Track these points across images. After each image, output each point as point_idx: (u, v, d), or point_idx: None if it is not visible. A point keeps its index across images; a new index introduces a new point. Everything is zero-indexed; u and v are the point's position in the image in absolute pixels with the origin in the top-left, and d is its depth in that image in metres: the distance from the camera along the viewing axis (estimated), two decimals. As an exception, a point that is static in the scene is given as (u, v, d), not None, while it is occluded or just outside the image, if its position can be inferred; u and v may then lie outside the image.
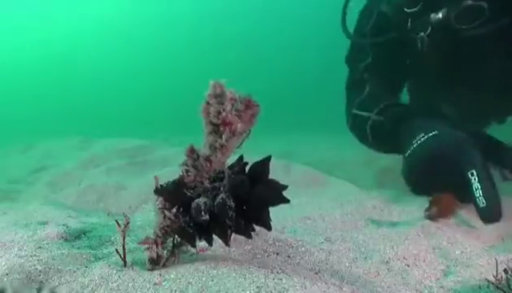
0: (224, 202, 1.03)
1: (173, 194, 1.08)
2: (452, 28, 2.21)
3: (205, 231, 1.07)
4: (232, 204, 1.03)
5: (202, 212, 1.04)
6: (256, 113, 1.01)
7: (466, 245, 1.52)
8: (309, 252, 1.35)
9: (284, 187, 1.07)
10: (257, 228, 1.41)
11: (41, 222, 1.65)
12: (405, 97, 3.10)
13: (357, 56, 2.75)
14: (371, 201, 1.92)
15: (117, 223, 1.15)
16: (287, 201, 1.08)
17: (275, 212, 1.82)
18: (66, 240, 1.41)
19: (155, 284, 1.02)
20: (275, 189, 1.06)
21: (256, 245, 1.34)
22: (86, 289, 1.03)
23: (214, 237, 1.08)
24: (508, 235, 1.62)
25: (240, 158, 1.08)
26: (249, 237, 1.08)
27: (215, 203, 1.03)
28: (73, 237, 1.44)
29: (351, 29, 2.79)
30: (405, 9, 2.35)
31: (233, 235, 1.08)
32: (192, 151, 1.06)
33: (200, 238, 1.08)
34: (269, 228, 1.08)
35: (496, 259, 1.31)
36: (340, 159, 3.78)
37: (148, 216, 1.77)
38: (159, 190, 1.09)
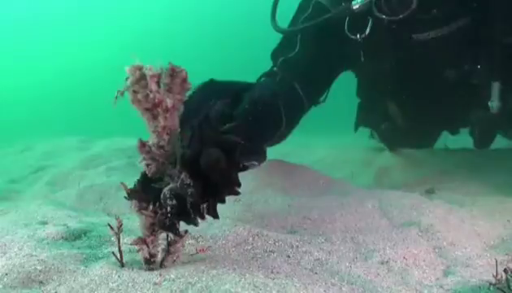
0: (182, 182, 1.00)
1: (144, 193, 1.06)
2: (374, 16, 2.08)
3: (182, 215, 1.05)
4: (189, 181, 1.00)
5: (168, 200, 1.02)
6: (184, 77, 0.97)
7: (466, 245, 1.52)
8: (309, 252, 1.34)
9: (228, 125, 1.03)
10: (257, 229, 1.42)
11: (41, 222, 1.65)
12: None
13: (282, 50, 2.49)
14: (371, 201, 1.92)
15: (110, 226, 1.14)
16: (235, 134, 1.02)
17: (275, 213, 1.82)
18: (66, 240, 1.41)
19: (155, 284, 1.01)
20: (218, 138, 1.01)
21: (256, 245, 1.34)
22: (86, 289, 1.03)
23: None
24: (508, 235, 1.62)
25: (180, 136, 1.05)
26: (222, 201, 1.04)
27: (178, 187, 1.01)
28: (73, 237, 1.44)
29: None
30: (343, 4, 2.19)
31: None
32: (142, 145, 1.04)
33: (188, 223, 1.06)
34: (236, 184, 1.03)
35: (496, 259, 1.31)
36: (340, 159, 3.78)
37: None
38: (130, 194, 1.07)
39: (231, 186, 1.05)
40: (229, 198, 1.09)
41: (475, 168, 2.72)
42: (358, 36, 2.18)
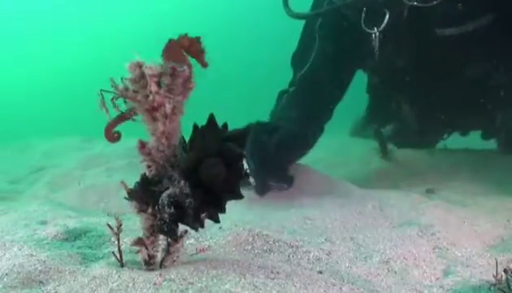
0: (181, 190, 0.98)
1: (143, 194, 1.04)
2: (401, 4, 2.00)
3: (180, 221, 1.03)
4: (188, 190, 0.97)
5: (166, 207, 0.99)
6: (187, 77, 0.92)
7: (466, 245, 1.52)
8: (309, 252, 1.35)
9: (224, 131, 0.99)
10: (257, 229, 1.42)
11: (41, 222, 1.65)
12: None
13: (302, 53, 2.47)
14: (371, 201, 1.92)
15: (109, 226, 1.13)
16: (239, 144, 1.00)
17: (275, 213, 1.82)
18: (66, 240, 1.41)
19: (155, 284, 1.01)
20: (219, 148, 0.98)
21: (256, 245, 1.34)
22: (86, 288, 1.03)
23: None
24: (508, 235, 1.62)
25: (182, 138, 1.02)
26: (223, 211, 1.03)
27: (177, 193, 0.98)
28: (73, 237, 1.44)
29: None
30: None
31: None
32: (143, 146, 1.01)
33: (189, 225, 1.04)
34: (236, 195, 1.02)
35: (496, 259, 1.31)
36: (340, 159, 3.77)
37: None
38: (130, 195, 1.05)
39: (231, 196, 1.03)
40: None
41: (475, 168, 2.72)
42: (376, 29, 2.11)
